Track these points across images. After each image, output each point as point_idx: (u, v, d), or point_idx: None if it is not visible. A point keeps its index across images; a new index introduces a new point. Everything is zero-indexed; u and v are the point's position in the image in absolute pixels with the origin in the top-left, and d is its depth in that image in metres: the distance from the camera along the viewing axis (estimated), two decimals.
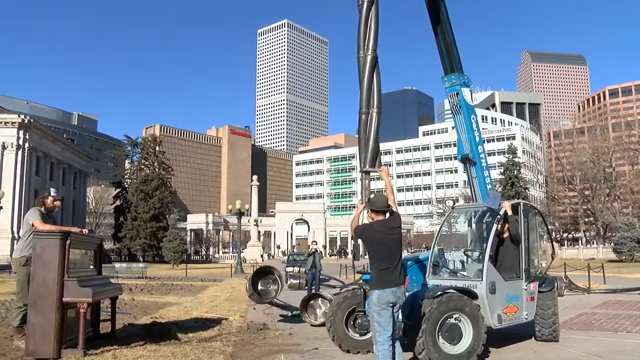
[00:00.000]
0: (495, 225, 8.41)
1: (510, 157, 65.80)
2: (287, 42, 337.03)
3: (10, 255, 45.53)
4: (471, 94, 10.51)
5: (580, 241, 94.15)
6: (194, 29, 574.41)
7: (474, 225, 9.81)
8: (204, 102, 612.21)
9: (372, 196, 6.63)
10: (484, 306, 7.62)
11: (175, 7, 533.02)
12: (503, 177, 66.25)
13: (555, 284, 9.10)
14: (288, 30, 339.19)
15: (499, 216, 8.43)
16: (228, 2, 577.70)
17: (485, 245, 8.18)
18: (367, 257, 6.96)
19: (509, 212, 8.40)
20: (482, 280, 7.80)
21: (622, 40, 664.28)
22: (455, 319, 7.10)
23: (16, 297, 8.41)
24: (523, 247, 8.45)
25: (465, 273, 8.55)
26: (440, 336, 6.96)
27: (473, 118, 10.38)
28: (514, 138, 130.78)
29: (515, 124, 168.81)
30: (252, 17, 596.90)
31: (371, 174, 8.20)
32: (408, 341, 7.03)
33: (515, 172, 64.19)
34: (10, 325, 8.65)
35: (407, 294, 7.26)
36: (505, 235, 8.52)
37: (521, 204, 8.92)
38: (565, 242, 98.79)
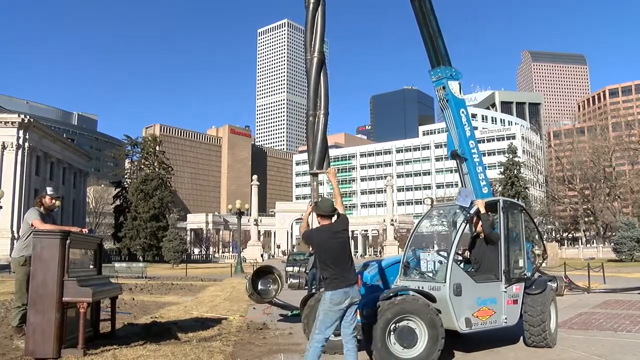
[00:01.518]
0: (462, 225, 8.14)
1: (510, 156, 65.77)
2: (287, 41, 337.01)
3: (10, 255, 45.58)
4: (460, 87, 10.10)
5: (580, 241, 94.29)
6: (194, 29, 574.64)
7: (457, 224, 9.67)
8: (204, 102, 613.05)
9: (318, 200, 6.62)
10: (447, 309, 7.35)
11: (175, 6, 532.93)
12: (503, 176, 66.22)
13: (547, 287, 8.54)
14: (288, 30, 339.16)
15: (468, 215, 8.18)
16: (228, 2, 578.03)
17: (451, 245, 7.84)
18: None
19: (482, 210, 8.16)
20: (444, 282, 7.49)
21: (622, 39, 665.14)
22: (409, 322, 6.96)
23: (15, 296, 8.42)
24: (502, 247, 8.11)
25: (431, 274, 8.04)
26: (391, 339, 6.86)
27: (462, 112, 9.94)
28: (514, 137, 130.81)
29: (516, 123, 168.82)
30: (252, 17, 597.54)
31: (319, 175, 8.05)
32: (366, 341, 6.96)
33: (515, 171, 64.16)
34: (9, 325, 8.65)
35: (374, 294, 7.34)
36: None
37: (500, 200, 8.57)
38: (565, 241, 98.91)
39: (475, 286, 7.75)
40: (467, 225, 8.46)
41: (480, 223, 8.42)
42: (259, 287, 12.22)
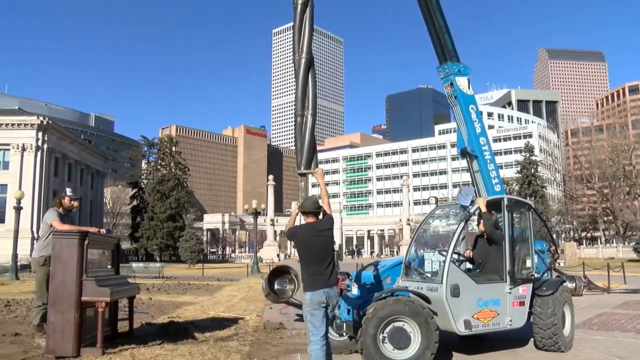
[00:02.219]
0: (462, 224, 7.88)
1: (527, 155, 65.29)
2: None
3: (30, 255, 45.98)
4: (469, 82, 9.89)
5: (599, 240, 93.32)
6: (209, 30, 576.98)
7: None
8: (220, 103, 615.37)
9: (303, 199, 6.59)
10: (444, 311, 7.23)
11: (190, 7, 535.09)
12: (520, 175, 65.74)
13: (558, 288, 8.20)
14: None
15: (468, 214, 8.00)
16: (243, 2, 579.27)
17: (449, 244, 7.65)
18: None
19: (483, 209, 7.97)
20: (441, 282, 7.35)
21: None
22: (402, 323, 6.90)
23: (35, 296, 8.53)
24: (507, 247, 7.87)
25: (429, 275, 7.85)
26: (383, 339, 6.83)
27: (472, 108, 9.74)
28: (530, 136, 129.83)
29: (532, 122, 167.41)
30: (267, 17, 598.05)
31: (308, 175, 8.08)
32: (358, 341, 6.96)
33: (532, 170, 63.69)
34: (31, 324, 8.77)
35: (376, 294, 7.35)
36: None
37: (504, 199, 8.26)
38: (584, 241, 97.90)
39: (475, 287, 7.57)
40: (466, 225, 8.18)
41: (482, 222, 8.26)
42: (276, 287, 12.19)
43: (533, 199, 61.85)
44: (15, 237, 31.03)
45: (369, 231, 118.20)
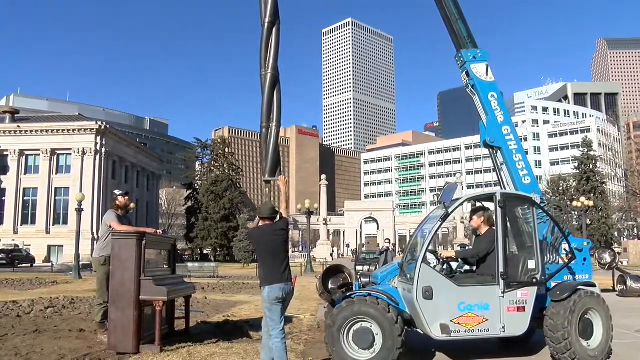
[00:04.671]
0: (438, 223, 7.47)
1: (585, 150, 63.43)
2: (352, 40, 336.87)
3: (91, 255, 47.43)
4: (487, 68, 9.33)
5: None
6: (257, 31, 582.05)
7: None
8: None
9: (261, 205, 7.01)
10: (416, 313, 6.98)
11: (239, 10, 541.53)
12: (577, 171, 63.87)
13: (574, 292, 7.35)
14: (353, 29, 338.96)
15: (447, 212, 7.45)
16: (292, 3, 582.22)
17: (423, 244, 7.28)
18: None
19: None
20: (412, 284, 7.01)
21: None
22: (367, 324, 6.86)
23: (97, 294, 8.81)
24: (500, 247, 7.17)
25: (409, 276, 7.42)
26: (347, 339, 6.86)
27: (492, 96, 9.17)
28: (588, 130, 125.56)
29: (590, 115, 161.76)
30: (317, 17, 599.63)
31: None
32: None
33: (591, 166, 61.84)
34: (94, 321, 9.05)
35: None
36: (484, 230, 7.70)
37: (497, 194, 7.48)
38: None
39: (455, 290, 7.08)
40: (443, 223, 7.62)
41: (478, 220, 7.82)
42: (330, 286, 12.21)
43: (592, 195, 60.01)
44: (77, 238, 32.13)
45: (410, 230, 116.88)
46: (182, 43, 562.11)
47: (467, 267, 8.13)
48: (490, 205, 7.89)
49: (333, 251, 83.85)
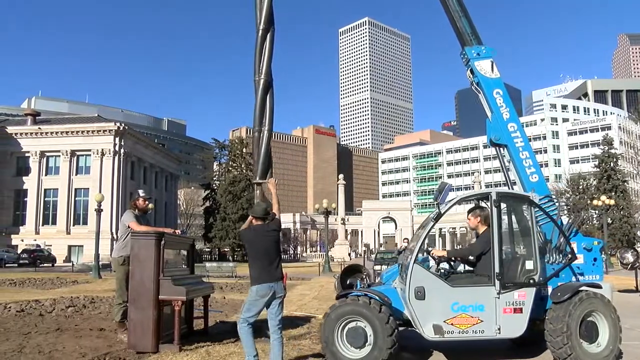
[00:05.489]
0: (430, 223, 7.47)
1: (606, 148, 62.70)
2: (369, 39, 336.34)
3: (110, 255, 47.98)
4: (492, 64, 9.18)
5: None
6: (275, 31, 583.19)
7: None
8: (288, 103, 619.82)
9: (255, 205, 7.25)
10: (410, 314, 7.01)
11: (252, 10, 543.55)
12: (598, 169, 63.13)
13: (576, 293, 7.10)
14: (369, 28, 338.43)
15: (439, 212, 7.31)
16: (308, 3, 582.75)
17: (416, 244, 7.25)
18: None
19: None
20: (405, 284, 7.03)
21: None
22: (361, 323, 6.90)
23: (116, 294, 8.90)
24: (495, 247, 7.00)
25: (404, 276, 7.37)
26: (341, 338, 6.93)
27: (497, 92, 9.00)
28: (609, 128, 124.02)
29: (611, 113, 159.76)
30: (333, 17, 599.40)
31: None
32: None
33: (612, 164, 61.10)
34: (113, 320, 9.15)
35: None
36: (482, 230, 7.57)
37: (492, 193, 7.31)
38: None
39: (449, 290, 7.00)
40: (436, 223, 7.57)
41: (474, 220, 7.70)
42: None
43: (613, 194, 59.31)
44: (97, 238, 32.44)
45: (440, 229, 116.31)
46: (200, 44, 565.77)
47: (468, 268, 8.01)
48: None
49: (351, 251, 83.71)
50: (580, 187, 71.21)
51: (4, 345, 7.98)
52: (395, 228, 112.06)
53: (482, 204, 7.92)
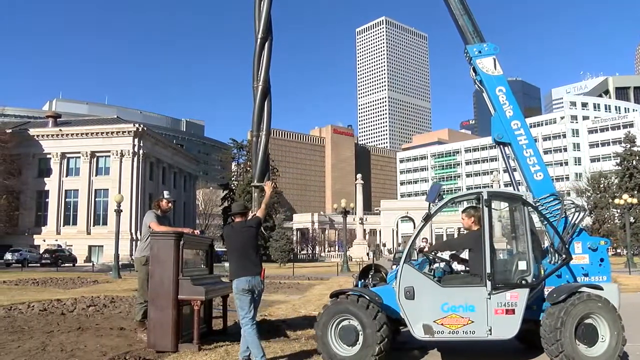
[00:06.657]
0: (422, 223, 7.50)
1: (628, 146, 61.85)
2: (386, 39, 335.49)
3: (130, 255, 48.53)
4: (495, 62, 9.13)
5: None
6: (293, 32, 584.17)
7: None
8: (306, 103, 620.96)
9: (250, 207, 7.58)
10: (401, 313, 7.04)
11: (273, 10, 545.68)
12: (620, 168, 62.34)
13: (572, 295, 6.92)
14: (387, 27, 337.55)
15: (428, 212, 7.28)
16: (325, 2, 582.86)
17: (407, 244, 7.27)
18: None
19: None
20: (396, 283, 7.06)
21: None
22: (354, 321, 6.95)
23: (138, 293, 9.00)
24: (486, 247, 6.93)
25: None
26: (333, 336, 6.99)
27: (500, 90, 8.94)
28: (631, 125, 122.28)
29: (634, 110, 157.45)
30: (350, 16, 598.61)
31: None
32: None
33: (635, 162, 60.25)
34: (134, 319, 9.25)
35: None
36: (475, 229, 7.40)
37: (483, 192, 7.23)
38: None
39: (439, 290, 6.98)
40: (427, 223, 7.56)
41: (468, 220, 7.54)
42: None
43: (636, 192, 58.52)
44: (117, 239, 32.74)
45: (458, 229, 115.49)
46: (219, 45, 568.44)
47: (465, 268, 7.90)
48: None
49: (369, 250, 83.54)
50: (602, 185, 70.42)
51: (29, 343, 8.14)
52: (414, 227, 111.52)
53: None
